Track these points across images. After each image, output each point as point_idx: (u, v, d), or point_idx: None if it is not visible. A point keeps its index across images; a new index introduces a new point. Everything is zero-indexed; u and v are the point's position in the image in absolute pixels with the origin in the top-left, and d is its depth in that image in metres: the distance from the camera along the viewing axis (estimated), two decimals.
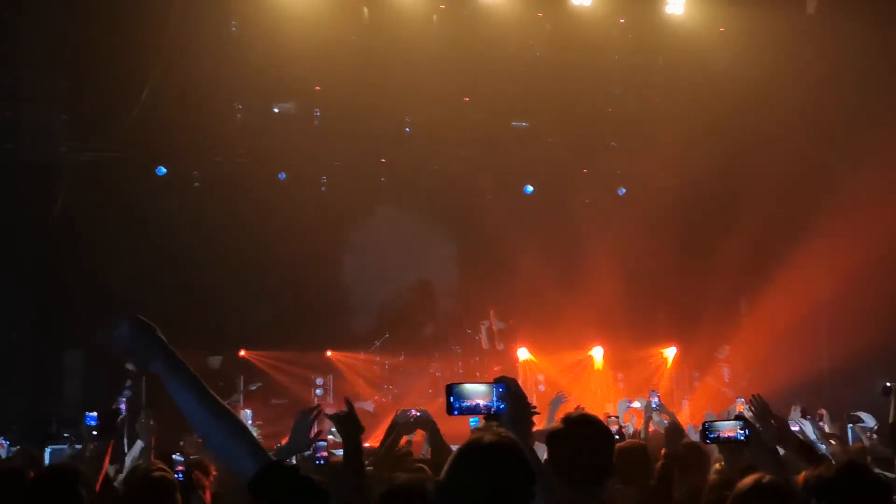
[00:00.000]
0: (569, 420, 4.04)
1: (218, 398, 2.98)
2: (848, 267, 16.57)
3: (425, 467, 5.63)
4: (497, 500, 3.05)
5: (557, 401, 9.71)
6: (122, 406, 9.71)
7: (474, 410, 3.59)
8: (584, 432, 3.94)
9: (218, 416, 2.96)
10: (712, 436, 4.98)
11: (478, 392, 3.56)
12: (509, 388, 3.56)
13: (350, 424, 5.08)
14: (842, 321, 17.49)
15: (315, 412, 5.62)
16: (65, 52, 15.22)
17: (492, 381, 3.60)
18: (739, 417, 5.16)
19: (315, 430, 5.80)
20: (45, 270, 15.47)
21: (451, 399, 3.53)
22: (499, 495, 3.05)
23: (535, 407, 3.85)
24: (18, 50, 15.08)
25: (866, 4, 15.93)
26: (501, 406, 3.54)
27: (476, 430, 3.40)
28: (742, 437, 4.88)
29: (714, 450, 6.62)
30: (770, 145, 17.71)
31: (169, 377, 3.04)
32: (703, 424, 5.10)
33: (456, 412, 3.55)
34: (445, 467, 3.15)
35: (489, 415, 3.60)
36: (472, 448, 3.14)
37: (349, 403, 5.20)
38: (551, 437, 3.99)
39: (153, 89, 15.38)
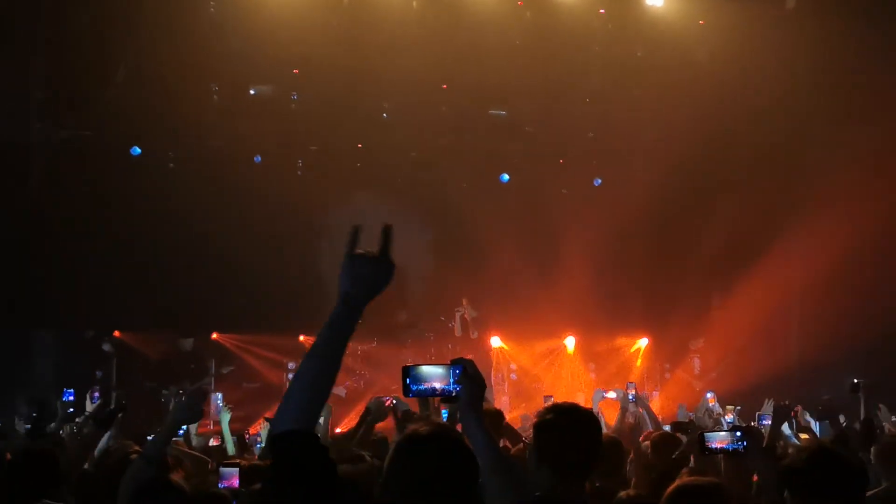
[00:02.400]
0: (557, 409, 4.01)
1: (338, 367, 2.98)
2: (821, 262, 16.69)
3: (365, 455, 5.50)
4: (437, 489, 3.04)
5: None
6: (97, 395, 9.65)
7: (431, 393, 3.55)
8: (573, 421, 3.92)
9: (323, 374, 2.95)
10: (711, 447, 4.91)
11: (435, 374, 3.52)
12: (466, 371, 3.51)
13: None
14: (814, 316, 17.62)
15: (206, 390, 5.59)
16: (41, 30, 15.04)
17: (449, 363, 3.56)
18: (736, 428, 5.09)
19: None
20: (18, 248, 15.32)
21: (408, 381, 3.51)
22: (438, 485, 3.05)
23: (505, 394, 3.83)
24: None
25: (844, 2, 16.00)
26: (458, 388, 3.50)
27: (414, 421, 3.38)
28: (741, 448, 4.81)
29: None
30: (746, 139, 17.79)
31: (343, 317, 3.00)
32: (700, 435, 5.03)
33: (412, 394, 3.53)
34: (385, 462, 3.16)
35: (447, 397, 3.58)
36: (408, 441, 3.16)
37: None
38: (539, 426, 3.95)
39: (129, 69, 15.25)
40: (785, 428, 8.29)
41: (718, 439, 4.91)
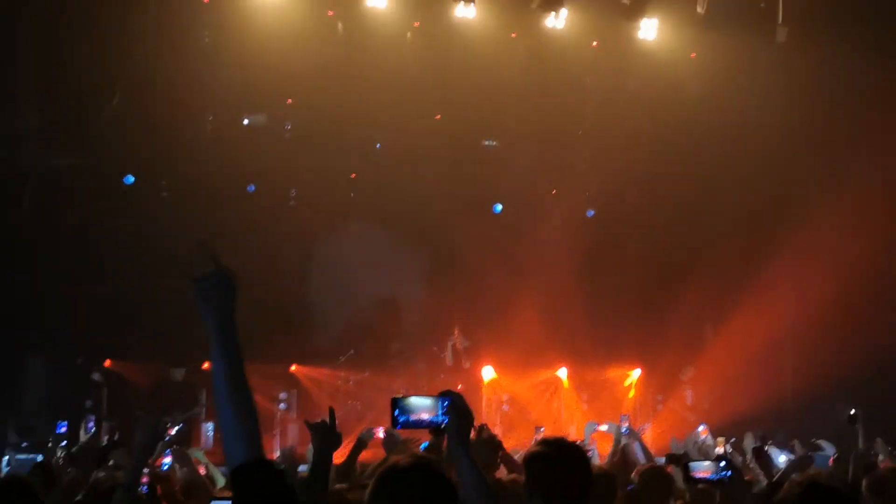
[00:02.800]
0: (547, 442, 4.04)
1: (246, 386, 3.06)
2: (814, 293, 16.72)
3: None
4: None
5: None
6: (91, 425, 9.62)
7: (419, 424, 3.55)
8: (562, 453, 3.95)
9: (236, 396, 3.02)
10: (695, 476, 4.91)
11: (423, 406, 3.52)
12: (454, 403, 3.52)
13: (328, 436, 4.96)
14: (807, 348, 17.61)
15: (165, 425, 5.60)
16: (35, 58, 15.07)
17: (437, 394, 3.56)
18: (721, 458, 5.10)
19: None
20: (10, 275, 15.26)
21: (396, 413, 3.52)
22: None
23: (497, 425, 3.86)
24: None
25: (835, 35, 16.14)
26: (446, 420, 3.51)
27: (395, 453, 3.40)
28: (725, 478, 4.80)
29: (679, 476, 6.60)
30: (738, 171, 17.86)
31: (216, 341, 3.07)
32: (685, 465, 5.03)
33: (400, 426, 3.54)
34: (367, 494, 3.18)
35: (435, 428, 3.57)
36: (388, 473, 3.19)
37: (332, 412, 5.06)
38: (530, 458, 3.99)
39: (123, 97, 15.28)
40: (777, 459, 8.26)
41: (703, 469, 4.91)
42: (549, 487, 3.86)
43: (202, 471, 9.36)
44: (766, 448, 9.29)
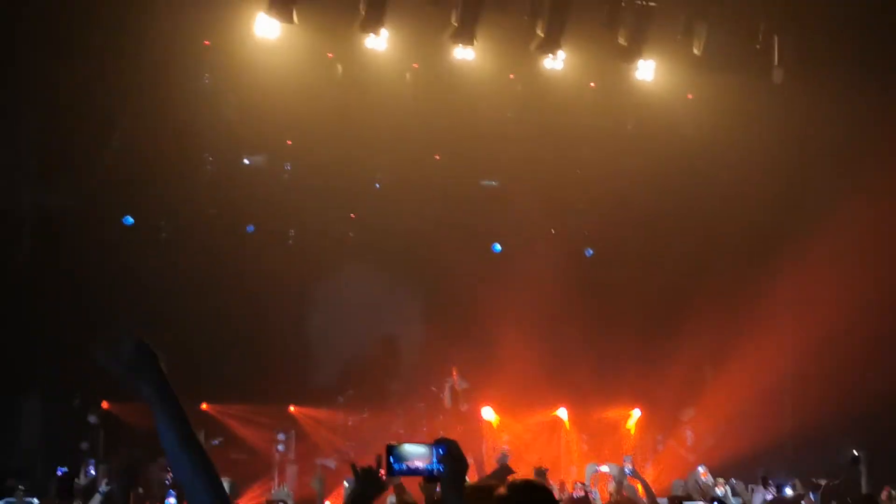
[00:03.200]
0: (513, 486, 4.00)
1: (195, 437, 3.02)
2: (812, 332, 16.69)
3: None
4: None
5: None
6: (91, 469, 9.55)
7: (414, 472, 3.53)
8: (527, 499, 3.91)
9: (190, 451, 2.99)
10: None
11: (417, 453, 3.50)
12: (449, 451, 3.50)
13: (373, 483, 4.88)
14: (806, 388, 17.55)
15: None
16: (35, 99, 15.15)
17: (432, 441, 3.54)
18: (715, 499, 5.11)
19: None
20: (8, 315, 15.22)
21: (391, 460, 3.49)
22: None
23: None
24: None
25: (831, 75, 16.26)
26: (441, 468, 3.49)
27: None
28: None
29: None
30: (736, 211, 17.92)
31: (157, 406, 3.06)
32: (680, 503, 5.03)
33: (395, 473, 3.52)
34: None
35: (430, 476, 3.56)
36: None
37: (379, 459, 4.98)
38: (496, 501, 3.95)
39: (122, 138, 15.34)
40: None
41: None
42: None
43: None
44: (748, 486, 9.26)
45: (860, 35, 16.04)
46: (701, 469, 12.68)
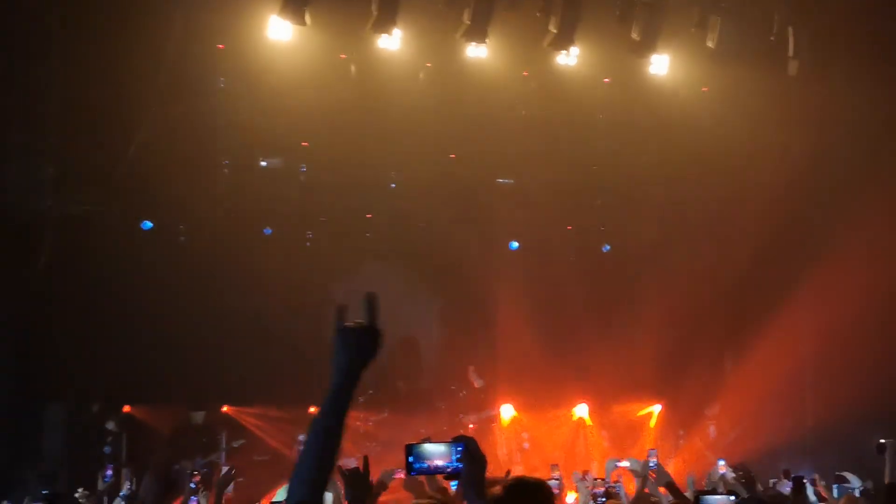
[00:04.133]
0: (509, 487, 4.00)
1: (341, 435, 3.10)
2: (832, 325, 16.62)
3: None
4: None
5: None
6: (109, 473, 9.62)
7: (433, 470, 3.57)
8: (522, 499, 3.91)
9: (327, 445, 3.07)
10: None
11: (437, 452, 3.55)
12: (468, 449, 3.53)
13: (360, 484, 4.93)
14: (826, 380, 17.48)
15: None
16: (53, 105, 15.25)
17: (451, 440, 3.57)
18: (732, 492, 5.11)
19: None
20: (28, 323, 15.34)
21: (411, 459, 3.54)
22: None
23: (518, 463, 3.85)
24: (6, 103, 15.10)
25: (847, 66, 16.18)
26: (460, 466, 3.50)
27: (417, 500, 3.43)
28: None
29: None
30: (753, 203, 17.84)
31: (334, 390, 3.17)
32: (696, 497, 5.04)
33: (415, 472, 3.55)
34: None
35: (449, 474, 3.57)
36: None
37: (366, 460, 5.01)
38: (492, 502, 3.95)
39: (141, 143, 15.42)
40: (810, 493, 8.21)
41: (714, 502, 4.93)
42: None
43: None
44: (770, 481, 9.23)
45: (875, 25, 15.95)
46: (720, 463, 12.62)
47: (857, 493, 10.36)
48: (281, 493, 8.63)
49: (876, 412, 15.52)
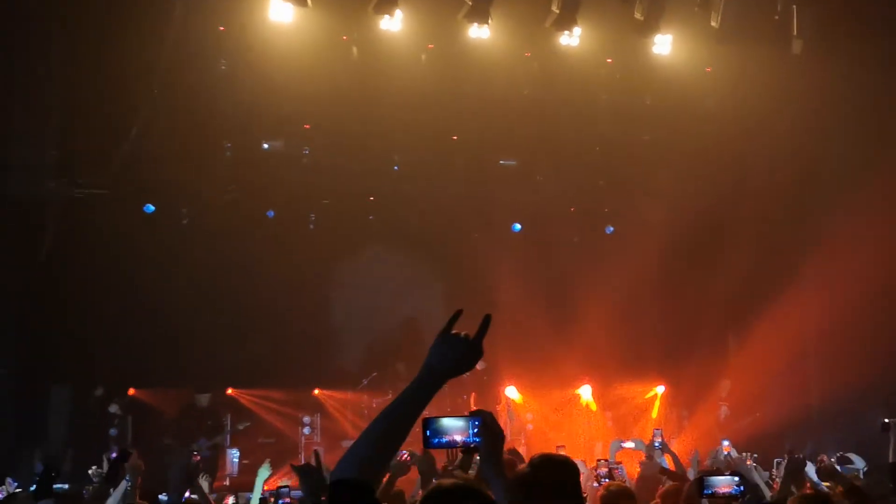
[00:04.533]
0: (534, 463, 4.03)
1: (407, 430, 3.17)
2: (836, 304, 16.61)
3: None
4: None
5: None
6: (114, 455, 9.64)
7: (451, 444, 3.59)
8: (549, 475, 3.93)
9: (392, 436, 3.14)
10: (708, 492, 4.93)
11: (454, 426, 3.57)
12: (485, 423, 3.56)
13: (313, 479, 4.98)
14: (830, 360, 17.48)
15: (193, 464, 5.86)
16: (55, 89, 15.23)
17: (468, 414, 3.60)
18: (736, 473, 5.11)
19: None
20: (33, 306, 15.37)
21: (428, 433, 3.56)
22: None
23: (522, 444, 3.88)
24: (8, 87, 15.08)
25: (851, 45, 16.10)
26: (478, 440, 3.53)
27: (438, 476, 3.47)
28: (738, 494, 4.82)
29: None
30: (757, 183, 17.82)
31: (417, 386, 3.21)
32: (700, 478, 5.05)
33: (432, 446, 3.58)
34: None
35: (466, 448, 3.58)
36: (432, 495, 3.25)
37: (317, 454, 5.13)
38: (517, 480, 3.98)
39: (143, 127, 15.40)
40: (812, 474, 8.21)
41: (719, 484, 4.93)
42: None
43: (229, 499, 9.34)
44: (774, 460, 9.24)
45: (880, 4, 15.86)
46: (725, 443, 12.62)
47: (860, 475, 10.37)
48: (263, 472, 8.65)
49: (881, 392, 15.54)
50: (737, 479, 4.90)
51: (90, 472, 10.66)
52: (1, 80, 14.98)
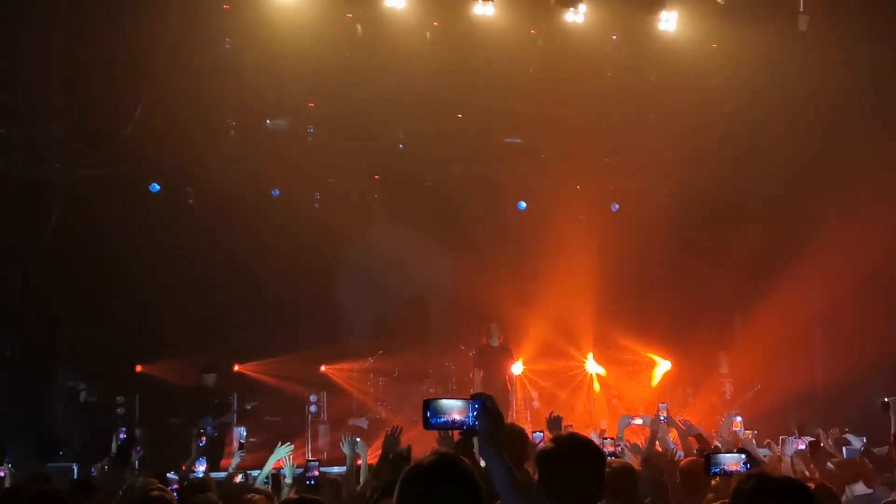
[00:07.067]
0: (558, 440, 4.06)
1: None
2: (842, 283, 16.60)
3: None
4: None
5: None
6: (122, 435, 9.68)
7: (450, 426, 3.65)
8: (573, 453, 3.95)
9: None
10: (716, 469, 4.95)
11: (454, 407, 3.62)
12: (485, 405, 3.59)
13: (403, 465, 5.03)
14: (836, 338, 17.50)
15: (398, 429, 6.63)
16: (59, 68, 15.21)
17: (468, 397, 3.65)
18: (742, 450, 5.13)
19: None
20: (39, 286, 15.40)
21: (428, 414, 3.62)
22: None
23: (527, 421, 3.92)
24: (13, 66, 15.06)
25: (858, 21, 16.01)
26: (477, 423, 3.57)
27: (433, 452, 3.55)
28: (743, 471, 4.83)
29: None
30: (763, 160, 17.78)
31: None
32: (707, 456, 5.06)
33: (432, 427, 3.64)
34: (395, 493, 3.27)
35: (464, 431, 3.63)
36: (413, 471, 3.29)
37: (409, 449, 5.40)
38: (541, 457, 4.01)
39: (147, 106, 15.38)
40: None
41: (726, 462, 4.95)
42: (557, 486, 3.90)
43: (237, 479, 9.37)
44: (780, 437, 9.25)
45: None
46: (737, 419, 12.59)
47: (857, 456, 10.41)
48: (282, 450, 8.70)
49: (886, 369, 15.54)
50: (744, 456, 4.91)
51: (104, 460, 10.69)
52: (6, 60, 14.97)
